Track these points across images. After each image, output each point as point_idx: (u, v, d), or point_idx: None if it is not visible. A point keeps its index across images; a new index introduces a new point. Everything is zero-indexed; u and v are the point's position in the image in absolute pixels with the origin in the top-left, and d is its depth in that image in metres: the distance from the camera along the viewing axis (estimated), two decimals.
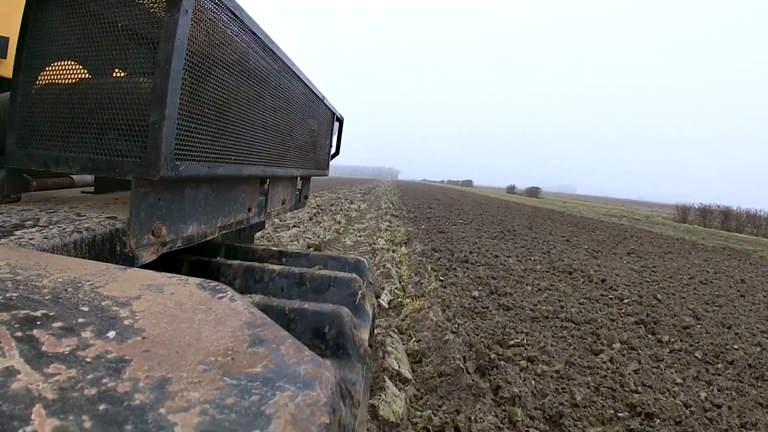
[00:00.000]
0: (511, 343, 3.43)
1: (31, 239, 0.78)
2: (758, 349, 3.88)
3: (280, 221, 8.61)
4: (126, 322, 0.46)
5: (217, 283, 0.62)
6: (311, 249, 6.29)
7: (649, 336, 4.02)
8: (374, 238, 8.16)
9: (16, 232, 0.82)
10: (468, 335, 3.43)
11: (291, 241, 6.56)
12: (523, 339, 3.53)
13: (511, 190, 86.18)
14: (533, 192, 72.71)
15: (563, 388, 2.78)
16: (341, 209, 13.39)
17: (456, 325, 3.64)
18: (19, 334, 0.41)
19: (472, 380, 2.60)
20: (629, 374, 3.04)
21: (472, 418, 2.28)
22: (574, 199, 80.00)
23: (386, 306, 4.07)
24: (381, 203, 18.73)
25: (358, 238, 8.07)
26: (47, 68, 1.07)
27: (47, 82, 1.07)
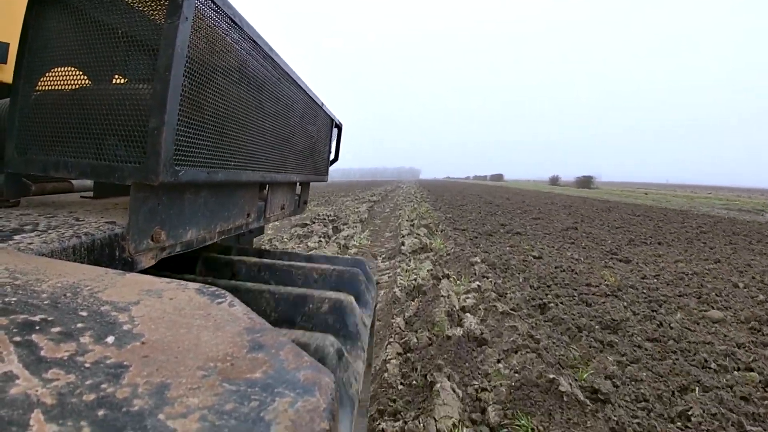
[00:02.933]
0: None
1: (30, 244, 0.78)
2: None
3: None
4: (125, 328, 0.46)
5: (216, 288, 0.62)
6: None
7: None
8: None
9: (15, 237, 0.81)
10: None
11: None
12: None
13: (554, 181, 73.35)
14: (585, 182, 59.09)
15: None
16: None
17: None
18: (17, 339, 0.40)
19: None
20: None
21: None
22: (626, 188, 63.07)
23: None
24: (401, 222, 10.80)
25: None
26: (47, 74, 1.07)
27: (47, 87, 1.07)
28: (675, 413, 2.69)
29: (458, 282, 4.97)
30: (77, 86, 1.04)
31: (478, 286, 4.79)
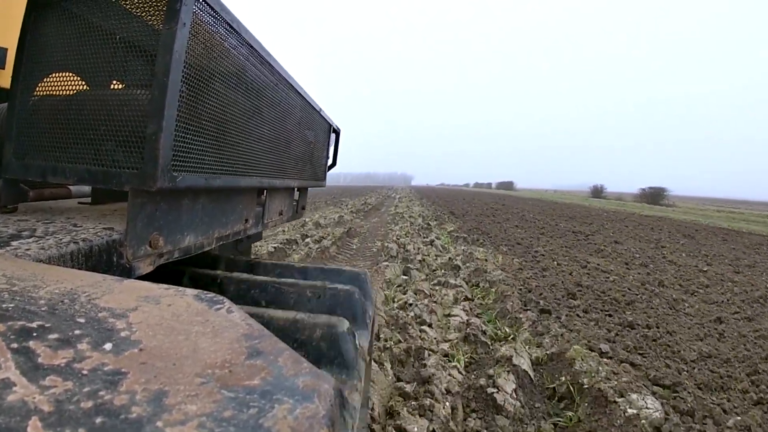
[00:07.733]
0: None
1: (27, 250, 0.77)
2: None
3: None
4: (123, 334, 0.46)
5: (214, 294, 0.62)
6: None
7: None
8: None
9: (13, 243, 0.81)
10: None
11: None
12: None
13: (597, 193, 57.90)
14: (655, 196, 43.62)
15: None
16: None
17: None
18: (15, 345, 0.40)
19: None
20: None
21: None
22: (703, 205, 46.32)
23: None
24: None
25: None
26: (45, 79, 1.07)
27: (45, 92, 1.07)
28: None
29: None
30: (75, 91, 1.04)
31: None
